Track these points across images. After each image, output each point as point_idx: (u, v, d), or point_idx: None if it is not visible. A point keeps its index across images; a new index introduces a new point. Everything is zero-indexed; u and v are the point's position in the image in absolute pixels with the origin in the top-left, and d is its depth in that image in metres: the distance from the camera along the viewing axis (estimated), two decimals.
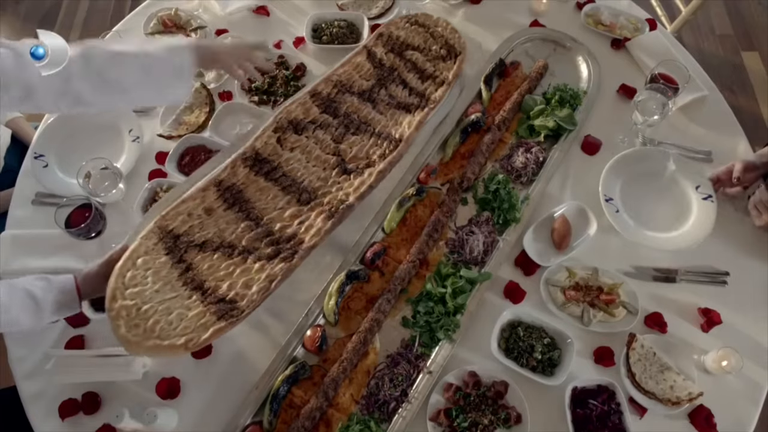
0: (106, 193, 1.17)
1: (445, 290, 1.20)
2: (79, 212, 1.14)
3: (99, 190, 1.16)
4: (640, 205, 1.33)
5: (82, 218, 1.12)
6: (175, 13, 1.55)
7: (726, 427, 1.12)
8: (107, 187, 1.16)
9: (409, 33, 1.50)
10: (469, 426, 1.09)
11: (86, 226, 1.11)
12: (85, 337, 1.19)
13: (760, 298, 1.25)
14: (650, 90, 1.29)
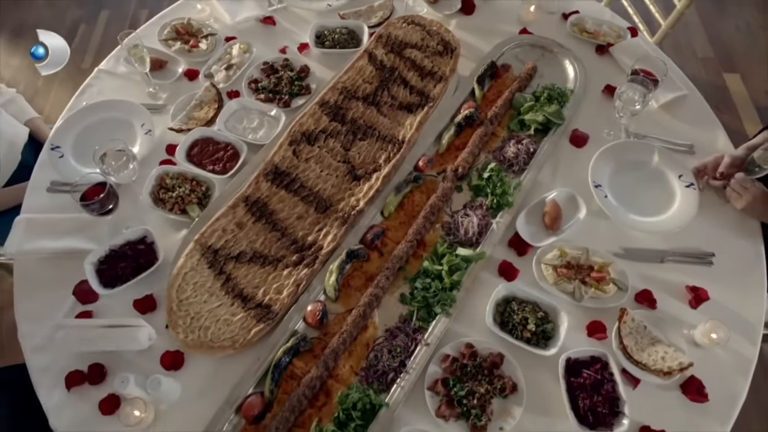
0: (119, 173, 1.23)
1: (441, 268, 1.25)
2: (94, 190, 1.20)
3: (113, 170, 1.23)
4: (627, 192, 1.39)
5: (97, 195, 1.18)
6: (188, 22, 1.66)
7: (717, 398, 1.15)
8: (121, 167, 1.23)
9: (407, 32, 1.61)
10: (466, 395, 1.12)
11: (100, 201, 1.17)
12: (94, 313, 1.23)
13: (746, 277, 1.29)
14: (631, 83, 1.37)
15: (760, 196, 1.31)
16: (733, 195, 1.34)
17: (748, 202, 1.31)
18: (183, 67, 1.58)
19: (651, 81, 1.37)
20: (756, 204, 1.31)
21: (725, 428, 1.13)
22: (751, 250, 1.33)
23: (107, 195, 1.18)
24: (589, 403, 1.11)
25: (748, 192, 1.31)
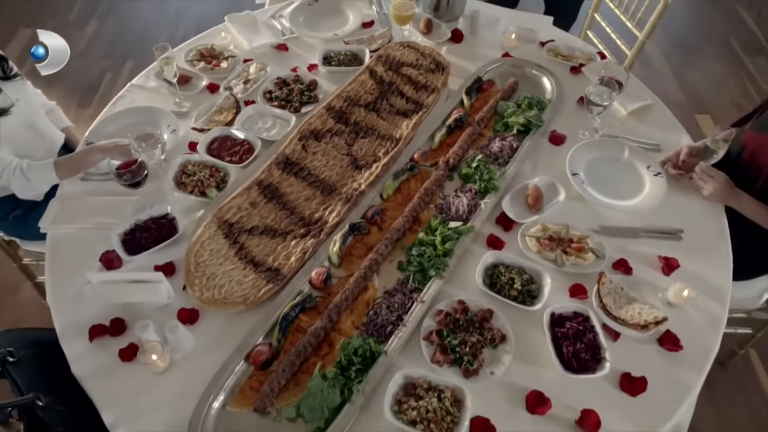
0: (148, 152, 1.40)
1: (435, 238, 1.38)
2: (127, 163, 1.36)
3: (143, 150, 1.39)
4: (602, 180, 1.54)
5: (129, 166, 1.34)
6: (211, 47, 1.89)
7: (691, 350, 1.24)
8: (150, 146, 1.40)
9: (403, 53, 1.83)
10: (459, 344, 1.21)
11: (131, 172, 1.33)
12: None
13: (712, 249, 1.42)
14: (599, 84, 1.57)
15: (723, 183, 1.46)
16: (699, 183, 1.49)
17: (713, 189, 1.46)
18: (206, 81, 1.78)
19: (616, 83, 1.57)
20: (720, 191, 1.46)
21: (701, 374, 1.21)
22: (716, 228, 1.47)
23: (138, 167, 1.34)
24: (573, 350, 1.20)
25: (712, 180, 1.46)
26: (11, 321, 2.08)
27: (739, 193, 1.45)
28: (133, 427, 1.12)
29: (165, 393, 1.17)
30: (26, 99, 1.61)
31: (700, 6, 3.83)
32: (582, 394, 1.16)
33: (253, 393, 1.16)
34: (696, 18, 3.75)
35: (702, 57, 3.37)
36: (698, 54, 3.39)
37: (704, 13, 3.78)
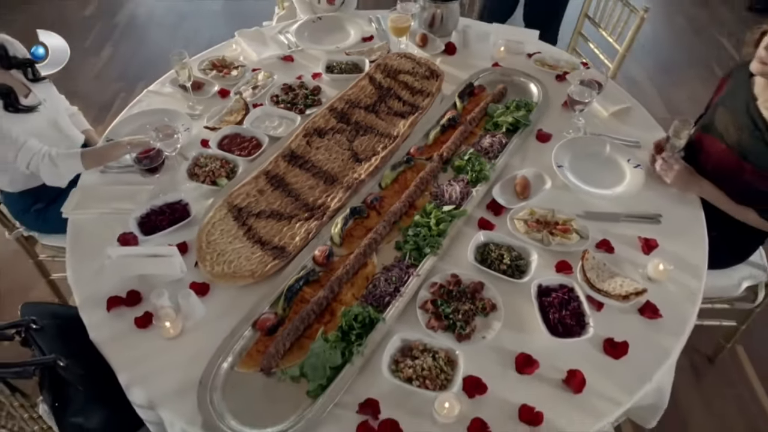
0: (165, 141, 1.51)
1: (429, 220, 1.48)
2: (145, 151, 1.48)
3: (160, 139, 1.51)
4: (585, 172, 1.65)
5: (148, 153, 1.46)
6: (222, 58, 2.04)
7: (670, 318, 1.32)
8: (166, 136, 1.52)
9: (401, 62, 1.98)
10: (452, 312, 1.30)
11: (149, 157, 1.45)
12: None
13: (688, 232, 1.52)
14: (581, 85, 1.71)
15: (683, 170, 1.57)
16: (662, 171, 1.61)
17: (675, 176, 1.57)
18: (217, 87, 1.92)
19: (596, 83, 1.71)
20: (680, 177, 1.57)
21: (679, 340, 1.29)
22: (693, 213, 1.57)
23: (156, 154, 1.46)
24: (558, 316, 1.29)
25: (673, 168, 1.58)
26: None
27: (700, 180, 1.57)
28: (147, 387, 1.20)
29: (177, 356, 1.24)
30: (51, 100, 1.75)
31: (683, 34, 4.04)
32: (568, 357, 1.24)
33: (259, 356, 1.23)
34: (680, 45, 3.95)
35: (685, 79, 3.55)
36: (682, 76, 3.57)
37: (687, 40, 3.99)
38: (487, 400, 1.18)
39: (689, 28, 4.08)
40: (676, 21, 4.15)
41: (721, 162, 1.56)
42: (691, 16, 4.18)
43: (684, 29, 4.07)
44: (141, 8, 4.13)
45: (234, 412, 1.15)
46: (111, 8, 4.11)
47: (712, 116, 1.64)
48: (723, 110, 1.60)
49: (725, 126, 1.57)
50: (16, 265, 2.31)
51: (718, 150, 1.57)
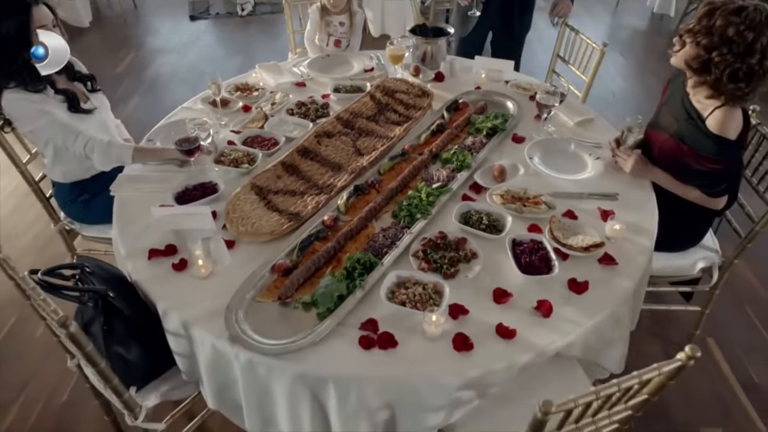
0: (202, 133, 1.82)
1: (420, 194, 1.76)
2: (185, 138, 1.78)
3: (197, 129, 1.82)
4: (554, 163, 1.95)
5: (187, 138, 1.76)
6: (245, 83, 2.40)
7: (624, 267, 1.55)
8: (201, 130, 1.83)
9: (397, 84, 2.34)
10: (439, 257, 1.54)
11: (188, 140, 1.75)
12: None
13: (641, 207, 1.77)
14: (546, 93, 2.04)
15: (638, 159, 1.87)
16: (620, 161, 1.90)
17: (631, 165, 1.86)
18: (241, 104, 2.26)
19: (560, 94, 2.05)
20: (636, 166, 1.86)
21: (632, 281, 1.52)
22: (645, 194, 1.84)
23: (195, 138, 1.76)
24: (528, 260, 1.53)
25: (630, 158, 1.87)
26: None
27: (652, 168, 1.86)
28: (181, 312, 1.42)
29: (207, 290, 1.47)
30: (103, 108, 2.08)
31: (653, 90, 4.49)
32: (537, 291, 1.47)
33: (276, 290, 1.46)
34: (649, 98, 4.38)
35: None
36: None
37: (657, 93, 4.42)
38: (469, 321, 1.40)
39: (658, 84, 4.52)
40: (646, 78, 4.60)
41: (665, 148, 1.85)
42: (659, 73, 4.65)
43: (654, 86, 4.52)
44: (165, 66, 4.61)
45: (255, 331, 1.37)
46: (140, 66, 4.60)
47: (659, 115, 1.96)
48: (666, 108, 1.92)
49: (668, 120, 1.88)
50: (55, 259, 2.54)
51: (662, 139, 1.87)
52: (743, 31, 1.60)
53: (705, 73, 1.70)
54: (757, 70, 1.64)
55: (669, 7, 5.20)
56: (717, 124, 1.72)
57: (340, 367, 1.30)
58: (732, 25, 1.61)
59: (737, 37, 1.61)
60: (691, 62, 1.72)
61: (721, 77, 1.66)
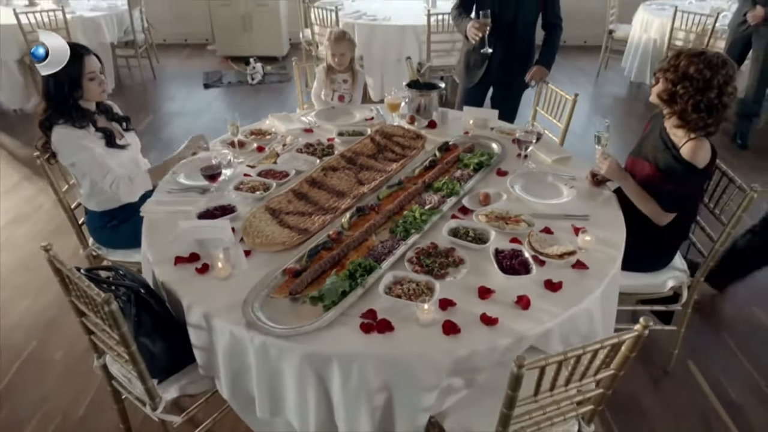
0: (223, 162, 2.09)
1: (414, 213, 1.99)
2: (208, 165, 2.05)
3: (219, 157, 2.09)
4: (533, 191, 2.20)
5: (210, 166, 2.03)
6: (258, 129, 2.71)
7: (594, 271, 1.76)
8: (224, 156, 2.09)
9: (394, 129, 2.64)
10: (430, 262, 1.75)
11: (210, 167, 2.01)
12: None
13: (610, 225, 2.00)
14: (524, 132, 2.33)
15: (614, 163, 2.11)
16: (598, 165, 2.15)
17: (607, 168, 2.10)
18: (255, 145, 2.55)
19: (537, 134, 2.33)
20: (611, 168, 2.10)
21: (601, 282, 1.72)
22: (614, 214, 2.07)
23: (218, 164, 2.02)
24: (509, 263, 1.74)
25: (606, 162, 2.12)
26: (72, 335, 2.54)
27: (626, 175, 2.11)
28: (203, 305, 1.61)
29: (227, 289, 1.67)
30: (135, 145, 2.37)
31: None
32: (517, 289, 1.66)
33: (287, 288, 1.66)
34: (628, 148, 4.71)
35: None
36: None
37: None
38: (456, 311, 1.59)
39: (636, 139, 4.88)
40: (627, 136, 4.96)
41: (644, 173, 2.11)
42: (637, 131, 5.02)
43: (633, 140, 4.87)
44: (180, 128, 4.98)
45: (269, 319, 1.56)
46: (157, 127, 4.98)
47: (641, 146, 2.23)
48: (647, 140, 2.20)
49: (648, 149, 2.15)
50: None
51: (642, 166, 2.13)
52: (702, 69, 1.91)
53: (673, 104, 2.00)
54: (716, 103, 1.93)
55: (644, 76, 5.67)
56: (689, 152, 1.99)
57: (343, 347, 1.48)
58: (693, 65, 1.93)
59: (697, 74, 1.92)
60: (661, 95, 2.02)
61: (686, 107, 1.95)
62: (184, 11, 7.20)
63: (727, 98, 1.95)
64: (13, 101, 5.16)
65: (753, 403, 2.33)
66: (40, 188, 3.91)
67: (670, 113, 2.04)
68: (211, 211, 2.02)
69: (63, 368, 2.45)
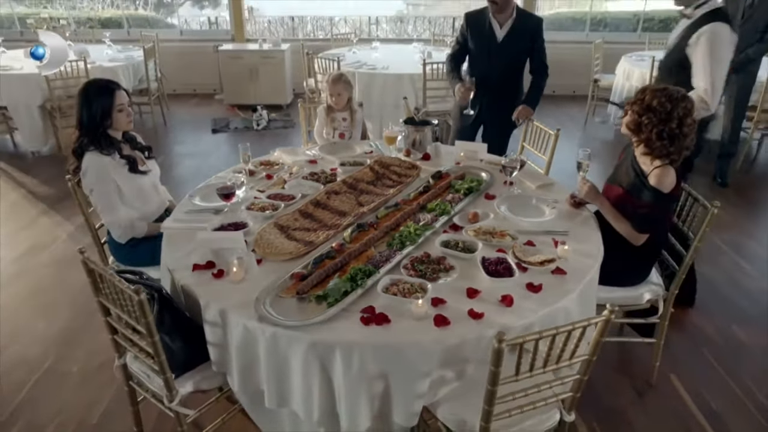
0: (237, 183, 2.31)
1: (409, 228, 2.20)
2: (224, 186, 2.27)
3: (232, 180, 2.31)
4: (518, 211, 2.41)
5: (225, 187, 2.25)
6: (267, 160, 2.95)
7: (572, 276, 1.95)
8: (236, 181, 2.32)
9: (392, 160, 2.89)
10: (424, 268, 1.94)
11: (226, 187, 2.23)
12: None
13: (587, 240, 2.21)
14: (509, 159, 2.57)
15: (592, 187, 2.33)
16: (579, 188, 2.36)
17: (586, 190, 2.32)
18: (264, 173, 2.79)
19: (521, 161, 2.57)
20: (589, 192, 2.32)
21: (577, 285, 1.91)
22: (592, 232, 2.28)
23: (233, 185, 2.25)
24: (494, 268, 1.93)
25: (585, 186, 2.34)
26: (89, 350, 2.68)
27: (602, 198, 2.32)
28: (219, 303, 1.79)
29: (240, 290, 1.85)
30: (155, 171, 2.60)
31: None
32: (501, 290, 1.84)
33: (294, 289, 1.85)
34: None
35: None
36: None
37: None
38: (446, 308, 1.77)
39: None
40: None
41: (618, 198, 2.33)
42: None
43: None
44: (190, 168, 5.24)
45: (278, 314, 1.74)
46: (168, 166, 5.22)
47: (615, 173, 2.47)
48: (620, 169, 2.43)
49: (621, 176, 2.38)
50: None
51: (616, 191, 2.36)
52: (664, 102, 2.16)
53: (639, 133, 2.24)
54: (677, 132, 2.17)
55: None
56: (655, 179, 2.21)
57: (345, 336, 1.65)
58: (656, 98, 2.18)
59: (659, 107, 2.16)
60: (629, 125, 2.26)
61: (651, 136, 2.19)
62: (194, 63, 7.65)
63: (686, 128, 2.19)
64: (32, 144, 5.46)
65: (733, 414, 2.45)
66: (56, 222, 4.12)
67: (638, 142, 2.28)
68: (225, 227, 2.23)
69: (77, 381, 2.58)
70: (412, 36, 8.69)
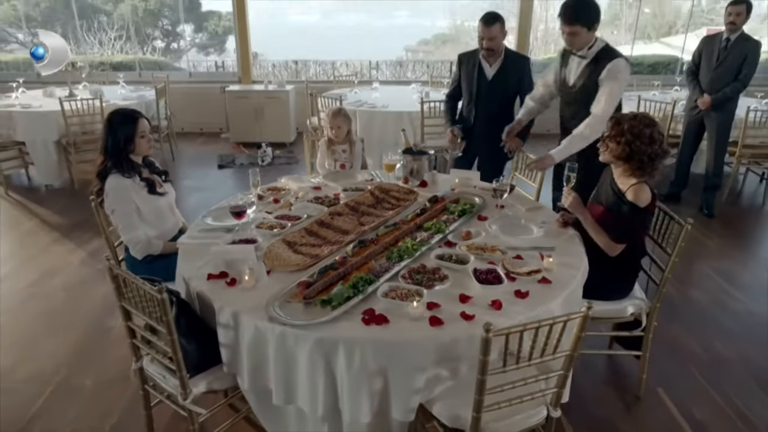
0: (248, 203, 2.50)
1: (407, 244, 2.38)
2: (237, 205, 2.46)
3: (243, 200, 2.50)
4: (508, 230, 2.60)
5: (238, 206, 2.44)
6: (274, 186, 3.16)
7: (556, 285, 2.12)
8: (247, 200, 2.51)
9: (390, 186, 3.09)
10: (420, 278, 2.11)
11: (238, 206, 2.42)
12: None
13: (571, 255, 2.39)
14: (499, 183, 2.77)
15: (576, 198, 2.52)
16: (564, 200, 2.55)
17: (570, 202, 2.51)
18: (272, 197, 2.99)
19: (510, 185, 2.78)
20: (574, 203, 2.50)
21: (562, 292, 2.07)
22: (576, 248, 2.46)
23: (244, 204, 2.44)
24: (485, 277, 2.10)
25: (570, 197, 2.53)
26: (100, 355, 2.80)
27: (585, 210, 2.51)
28: (232, 305, 1.95)
29: (252, 296, 2.01)
30: (171, 194, 2.80)
31: None
32: (491, 296, 2.01)
33: (301, 294, 2.01)
34: None
35: None
36: None
37: None
38: (440, 311, 1.92)
39: None
40: None
41: (599, 215, 2.52)
42: None
43: None
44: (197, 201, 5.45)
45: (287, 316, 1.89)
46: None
47: (596, 193, 2.67)
48: (601, 189, 2.63)
49: (602, 196, 2.58)
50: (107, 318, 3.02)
51: (598, 209, 2.55)
52: (643, 128, 2.38)
53: (631, 160, 2.42)
54: (659, 153, 2.38)
55: None
56: (633, 195, 2.41)
57: (348, 334, 1.81)
58: (636, 126, 2.39)
59: (641, 133, 2.38)
60: (620, 155, 2.44)
61: (643, 158, 2.38)
62: (201, 103, 7.99)
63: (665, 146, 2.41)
64: (46, 177, 5.69)
65: (717, 424, 2.56)
66: (69, 249, 4.30)
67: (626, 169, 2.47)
68: (237, 242, 2.41)
69: (92, 392, 2.70)
70: (410, 79, 9.09)
